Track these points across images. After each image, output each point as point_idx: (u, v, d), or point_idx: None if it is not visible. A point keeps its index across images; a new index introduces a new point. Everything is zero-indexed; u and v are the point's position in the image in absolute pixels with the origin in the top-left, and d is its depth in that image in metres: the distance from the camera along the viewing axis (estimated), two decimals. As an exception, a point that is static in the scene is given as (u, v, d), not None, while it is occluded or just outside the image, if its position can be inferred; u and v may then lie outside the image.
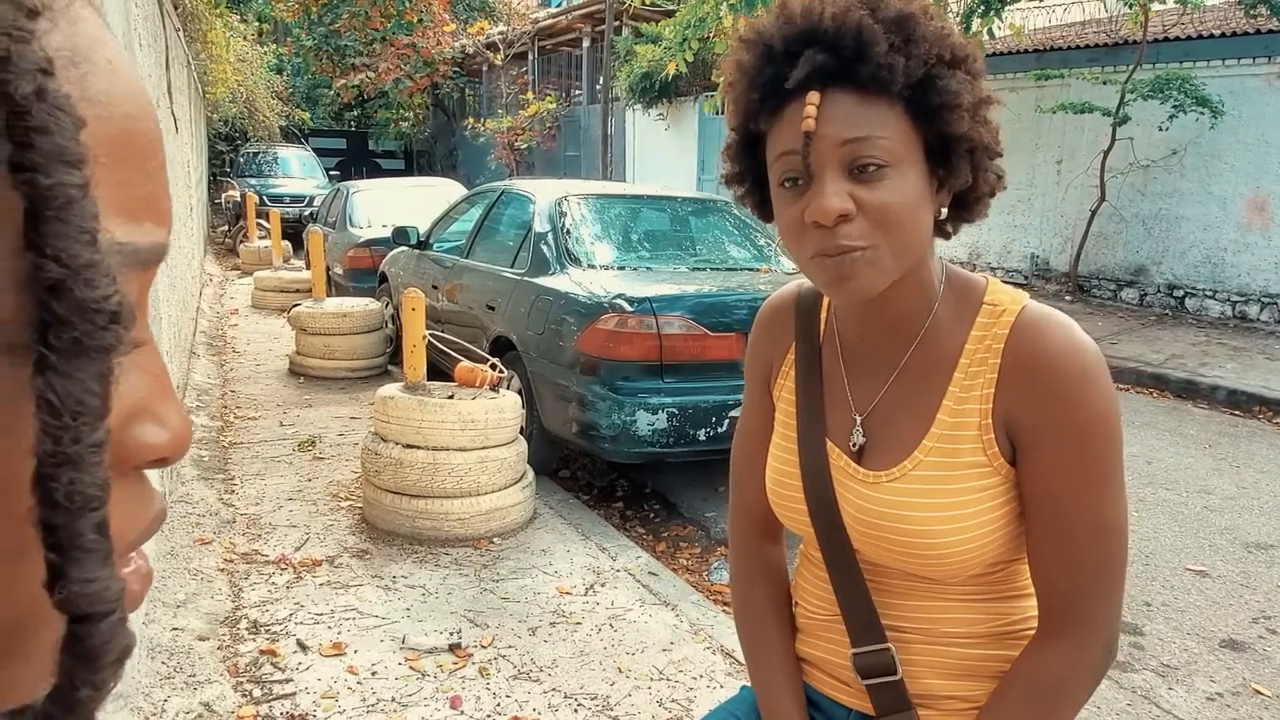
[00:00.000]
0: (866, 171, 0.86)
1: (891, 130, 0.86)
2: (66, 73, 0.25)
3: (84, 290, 0.23)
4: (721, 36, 7.98)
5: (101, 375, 0.24)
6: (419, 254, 5.97)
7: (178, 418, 0.31)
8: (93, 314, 0.24)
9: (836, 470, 1.00)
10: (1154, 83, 8.16)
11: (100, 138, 0.25)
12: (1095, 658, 0.91)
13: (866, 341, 1.01)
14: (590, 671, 2.60)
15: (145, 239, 0.28)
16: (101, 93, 0.26)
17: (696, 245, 5.04)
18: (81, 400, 0.24)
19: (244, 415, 5.10)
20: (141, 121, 0.28)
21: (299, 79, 23.30)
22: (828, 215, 0.85)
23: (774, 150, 0.90)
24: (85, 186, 0.24)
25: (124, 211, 0.27)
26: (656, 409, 3.77)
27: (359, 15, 19.41)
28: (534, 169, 18.98)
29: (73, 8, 0.26)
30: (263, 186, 14.81)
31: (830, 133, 0.85)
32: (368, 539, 3.46)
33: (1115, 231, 9.46)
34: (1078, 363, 0.89)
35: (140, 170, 0.28)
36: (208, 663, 2.51)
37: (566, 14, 18.08)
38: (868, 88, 0.86)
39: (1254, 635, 3.13)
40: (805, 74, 0.85)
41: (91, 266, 0.24)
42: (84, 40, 0.26)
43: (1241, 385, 6.32)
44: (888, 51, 0.84)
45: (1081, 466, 0.88)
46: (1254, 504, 4.36)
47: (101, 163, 0.25)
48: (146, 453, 0.30)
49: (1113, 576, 0.91)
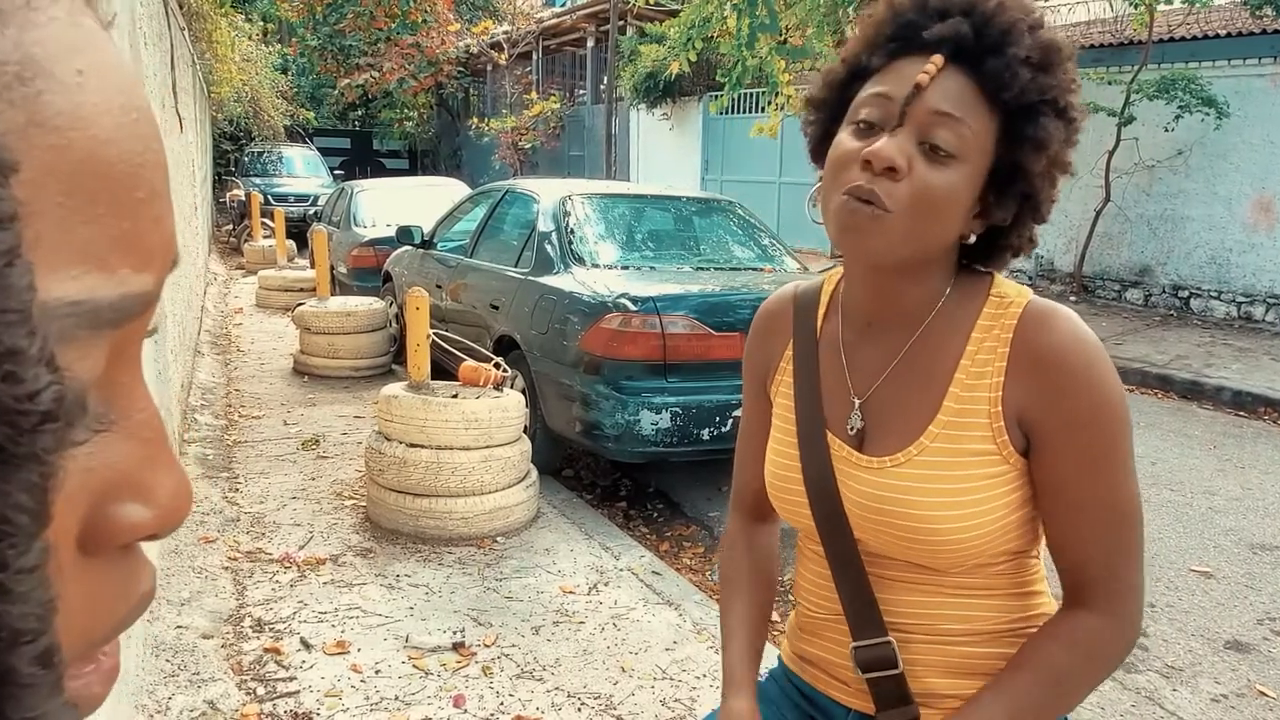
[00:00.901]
0: (935, 152, 0.88)
1: (977, 129, 0.88)
2: (10, 93, 0.20)
3: (3, 387, 0.19)
4: (725, 37, 7.97)
5: (34, 486, 0.20)
6: (423, 253, 5.97)
7: (168, 488, 0.27)
8: (16, 415, 0.19)
9: (838, 460, 1.00)
10: (1159, 83, 8.14)
11: (56, 173, 0.21)
12: (1127, 626, 0.93)
13: (872, 328, 1.02)
14: (593, 671, 2.60)
15: (114, 290, 0.23)
16: (61, 114, 0.21)
17: (700, 245, 5.04)
18: (6, 518, 0.20)
19: (248, 414, 5.11)
20: (119, 145, 0.23)
21: (304, 78, 23.33)
22: (882, 159, 0.87)
23: (870, 89, 0.92)
24: (11, 253, 0.19)
25: (89, 259, 0.22)
26: (660, 408, 3.77)
27: (364, 15, 19.43)
28: (538, 169, 18.99)
29: (34, 8, 0.21)
30: (267, 186, 14.84)
31: (928, 98, 0.87)
32: (371, 538, 3.46)
33: (1120, 232, 9.44)
34: (1084, 354, 0.90)
35: (115, 205, 0.23)
36: (211, 661, 2.51)
37: (571, 13, 18.08)
38: (984, 82, 0.87)
39: (1258, 636, 3.13)
40: (942, 34, 0.87)
41: (14, 355, 0.19)
42: (44, 49, 0.21)
43: (1246, 386, 6.30)
44: (1022, 62, 0.86)
45: (1098, 452, 0.90)
46: (1259, 505, 4.35)
47: (57, 203, 0.21)
48: (126, 534, 0.26)
49: (1134, 551, 0.93)
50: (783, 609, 3.27)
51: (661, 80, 13.89)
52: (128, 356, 0.26)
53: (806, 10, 8.48)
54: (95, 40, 0.23)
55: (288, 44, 22.42)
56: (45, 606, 0.21)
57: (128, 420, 0.26)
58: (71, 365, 0.22)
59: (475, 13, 21.08)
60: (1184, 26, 8.96)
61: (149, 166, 0.24)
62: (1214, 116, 8.08)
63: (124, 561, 0.27)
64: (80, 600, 0.22)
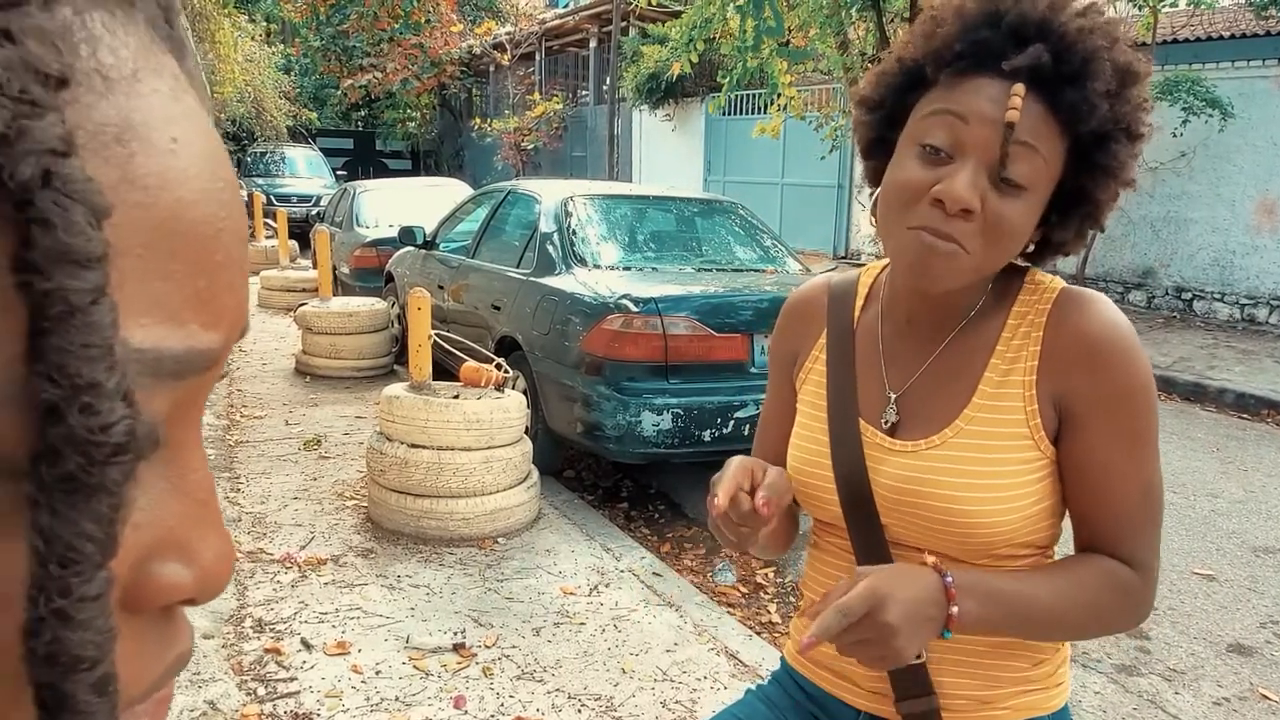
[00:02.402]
0: (1008, 183, 0.86)
1: (1051, 157, 0.87)
2: (106, 152, 0.21)
3: (80, 417, 0.20)
4: (727, 37, 7.97)
5: (102, 516, 0.21)
6: (425, 254, 5.97)
7: (213, 552, 0.27)
8: (89, 446, 0.20)
9: (869, 446, 1.00)
10: (1163, 84, 8.13)
11: (141, 226, 0.22)
12: (1150, 592, 0.96)
13: (911, 325, 1.02)
14: (594, 672, 2.60)
15: (181, 344, 0.24)
16: (150, 175, 0.23)
17: (702, 246, 5.03)
18: (73, 546, 0.20)
19: (250, 414, 5.12)
20: (203, 209, 0.24)
21: (306, 79, 23.35)
22: (956, 202, 0.85)
23: (937, 103, 0.89)
24: (98, 291, 0.20)
25: (160, 311, 0.23)
26: (661, 409, 3.77)
27: (367, 16, 19.45)
28: (540, 169, 19.00)
29: (139, 78, 0.23)
30: (270, 186, 14.85)
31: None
32: (372, 538, 3.46)
33: (1123, 234, 9.42)
34: (1119, 337, 0.92)
35: (192, 263, 0.24)
36: (212, 661, 2.51)
37: (573, 14, 18.09)
38: (1059, 110, 0.85)
39: (1261, 640, 3.12)
40: (1024, 64, 0.84)
41: (94, 388, 0.20)
42: (143, 116, 0.23)
43: (1250, 388, 6.29)
44: (1102, 94, 0.84)
45: (1132, 432, 0.92)
46: (1261, 508, 4.34)
47: (137, 254, 0.22)
48: (166, 594, 0.26)
49: (1158, 526, 0.96)
50: (785, 610, 3.27)
51: (664, 81, 13.89)
52: (188, 416, 0.26)
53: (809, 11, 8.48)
54: (192, 115, 0.25)
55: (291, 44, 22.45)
56: (105, 635, 0.21)
57: (182, 479, 0.26)
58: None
59: (478, 13, 21.10)
60: (1187, 28, 8.95)
61: (228, 234, 0.25)
62: (1218, 118, 8.07)
63: (163, 622, 0.27)
64: (121, 652, 0.22)
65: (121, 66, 0.22)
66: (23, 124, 0.19)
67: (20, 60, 0.19)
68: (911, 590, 0.85)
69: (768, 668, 2.57)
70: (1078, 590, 0.92)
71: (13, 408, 0.21)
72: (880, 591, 0.83)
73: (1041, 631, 0.95)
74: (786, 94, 8.51)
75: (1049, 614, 0.91)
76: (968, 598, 0.87)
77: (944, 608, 0.86)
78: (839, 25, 8.66)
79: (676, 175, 15.39)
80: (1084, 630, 0.97)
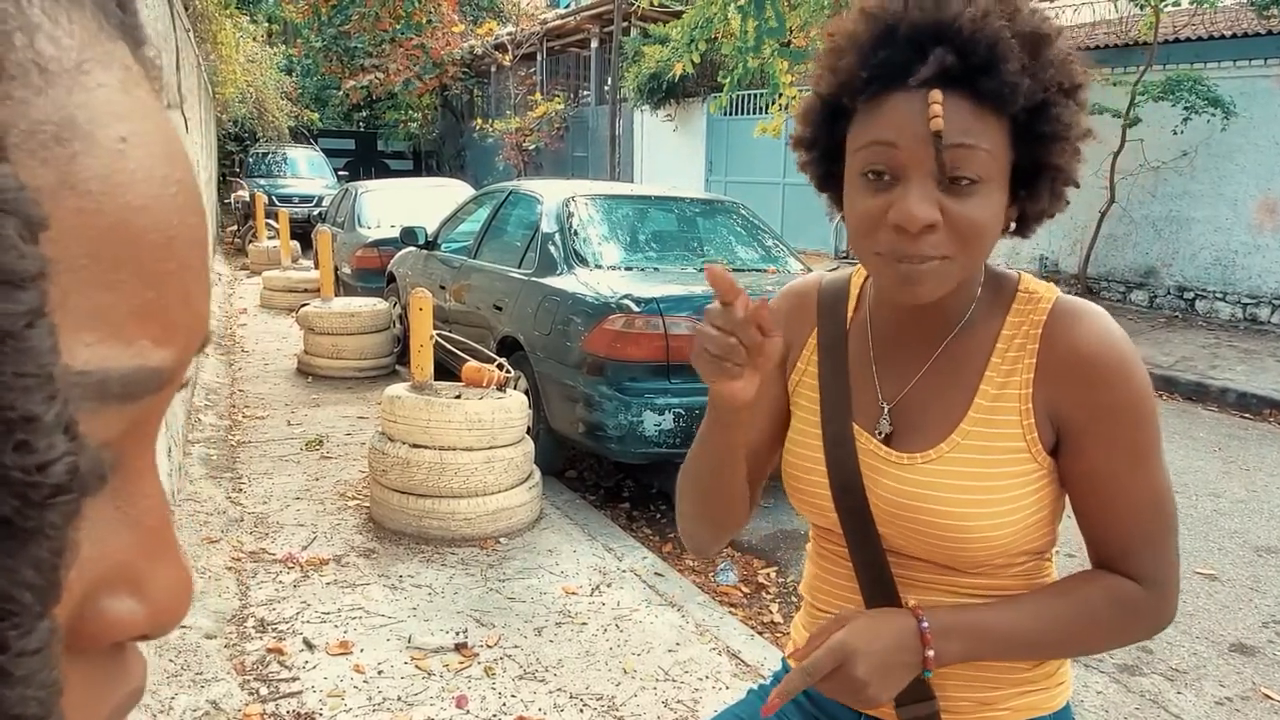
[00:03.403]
0: (959, 184, 0.85)
1: (993, 144, 0.85)
2: (44, 153, 0.19)
3: (14, 456, 0.18)
4: (729, 38, 7.97)
5: (42, 562, 0.19)
6: (427, 254, 5.98)
7: (167, 584, 0.25)
8: (26, 487, 0.18)
9: (864, 454, 1.00)
10: (1165, 84, 8.12)
11: (83, 235, 0.20)
12: (1166, 605, 0.95)
13: (902, 332, 1.01)
14: (596, 672, 2.60)
15: (128, 363, 0.21)
16: (95, 179, 0.20)
17: (704, 246, 5.03)
18: (9, 596, 0.18)
19: (252, 414, 5.12)
20: (153, 214, 0.22)
21: (308, 80, 23.37)
22: (914, 223, 0.84)
23: (864, 134, 0.88)
24: (34, 313, 0.18)
25: (105, 327, 0.21)
26: (663, 409, 3.77)
27: (368, 16, 19.48)
28: (542, 169, 19.00)
29: (84, 70, 0.21)
30: (272, 187, 14.86)
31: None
32: (374, 538, 3.46)
33: (1125, 233, 9.41)
34: (1115, 352, 0.91)
35: (140, 273, 0.22)
36: (215, 661, 2.51)
37: (575, 15, 18.09)
38: (983, 100, 0.84)
39: (1264, 639, 3.11)
40: (931, 73, 0.83)
41: (30, 422, 0.18)
42: (87, 112, 0.20)
43: (1252, 388, 6.29)
44: (1018, 71, 0.83)
45: (1133, 446, 0.92)
46: (1264, 508, 4.33)
47: (80, 266, 0.20)
48: (115, 632, 0.24)
49: (1172, 535, 0.95)
50: (786, 610, 3.27)
51: (665, 81, 13.87)
52: (140, 436, 0.24)
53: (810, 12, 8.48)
54: (145, 110, 0.22)
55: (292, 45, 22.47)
56: (49, 690, 0.19)
57: (133, 506, 0.24)
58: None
59: (479, 14, 21.11)
60: (1189, 27, 8.94)
61: (182, 241, 0.23)
62: (1220, 117, 8.06)
63: (111, 660, 0.25)
64: (66, 695, 0.20)
65: (63, 58, 0.20)
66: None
67: None
68: (882, 641, 0.89)
69: (769, 668, 2.57)
70: (1073, 613, 0.93)
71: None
72: (849, 647, 0.87)
73: (1036, 656, 0.97)
74: (788, 94, 8.50)
75: (1040, 641, 0.93)
76: (947, 639, 0.90)
77: (918, 652, 0.89)
78: (840, 25, 8.65)
79: (678, 175, 15.39)
80: (1085, 649, 0.98)
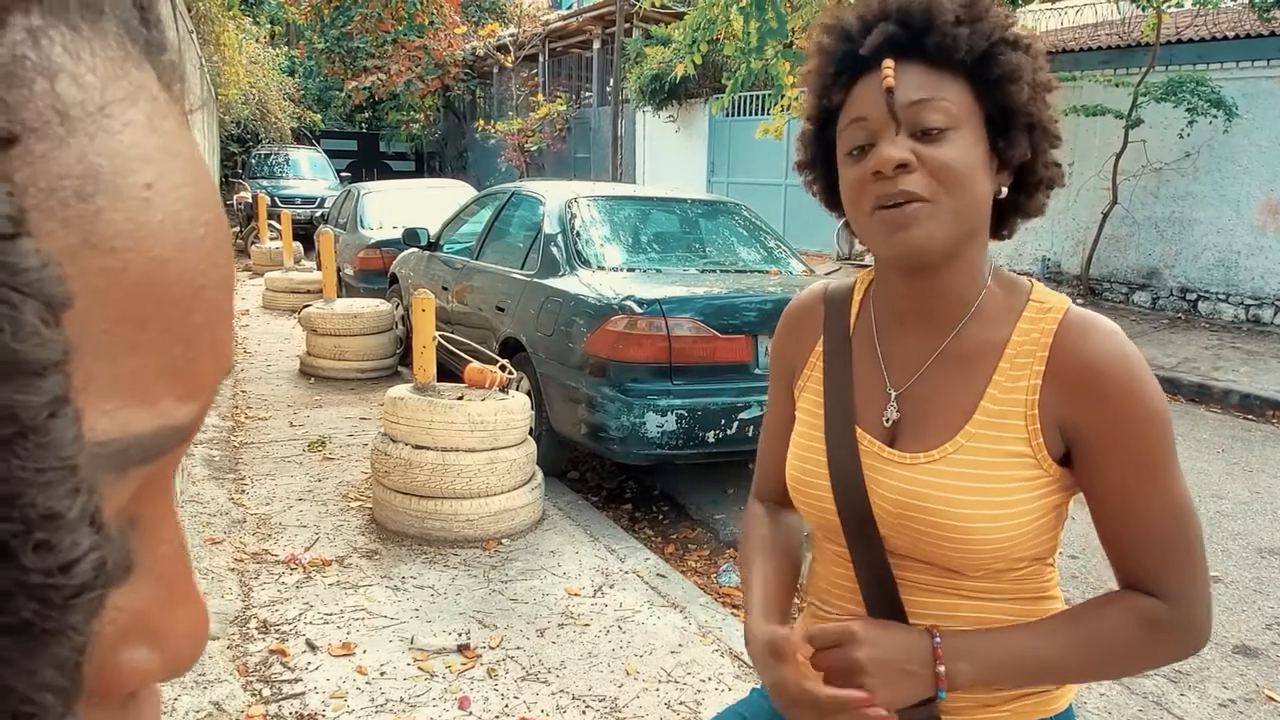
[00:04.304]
0: (930, 135, 0.91)
1: (954, 96, 0.92)
2: (65, 212, 0.18)
3: (35, 558, 0.16)
4: (731, 39, 7.97)
5: (64, 661, 0.18)
6: (429, 255, 5.98)
7: (184, 630, 0.24)
8: (47, 590, 0.17)
9: (867, 455, 1.00)
10: (1167, 85, 8.12)
11: (107, 298, 0.19)
12: (1193, 625, 0.92)
13: (906, 325, 1.02)
14: (598, 673, 2.60)
15: (150, 425, 0.20)
16: (120, 234, 0.19)
17: (706, 247, 5.03)
18: (29, 699, 0.17)
19: (254, 415, 5.13)
20: (181, 265, 0.20)
21: (311, 81, 23.40)
22: (888, 163, 0.89)
23: (845, 120, 0.96)
24: (56, 402, 0.16)
25: (128, 392, 0.19)
26: (665, 411, 3.77)
27: (371, 18, 19.50)
28: (544, 171, 19.01)
29: (108, 112, 0.19)
30: (274, 188, 14.87)
31: (899, 96, 0.91)
32: (377, 539, 3.47)
33: (1127, 234, 9.40)
34: (1125, 367, 0.92)
35: (167, 331, 0.20)
36: (218, 662, 2.52)
37: (577, 16, 18.11)
38: (933, 59, 0.92)
39: (1267, 641, 3.11)
40: (878, 42, 0.92)
41: (53, 520, 0.17)
42: (111, 160, 0.19)
43: (1255, 389, 6.28)
44: (954, 24, 0.90)
45: (1150, 459, 0.91)
46: (1267, 509, 4.33)
47: (104, 332, 0.19)
48: (133, 682, 0.23)
49: (1196, 549, 0.93)
50: (788, 612, 3.27)
51: (667, 82, 13.89)
52: (158, 488, 0.23)
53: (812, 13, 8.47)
54: (172, 146, 0.21)
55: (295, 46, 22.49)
56: None
57: (152, 557, 0.23)
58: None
59: (482, 15, 21.13)
60: (1192, 28, 8.93)
61: (211, 286, 0.21)
62: (1222, 119, 8.05)
63: (126, 706, 0.24)
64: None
65: (87, 100, 0.18)
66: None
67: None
68: (892, 644, 0.89)
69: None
70: (1094, 634, 0.91)
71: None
72: (857, 634, 0.88)
73: (1055, 680, 0.95)
74: (790, 95, 8.50)
75: (1060, 665, 0.92)
76: (960, 659, 0.89)
77: (930, 666, 0.89)
78: (842, 26, 8.65)
79: (680, 176, 15.39)
80: (1110, 672, 0.95)
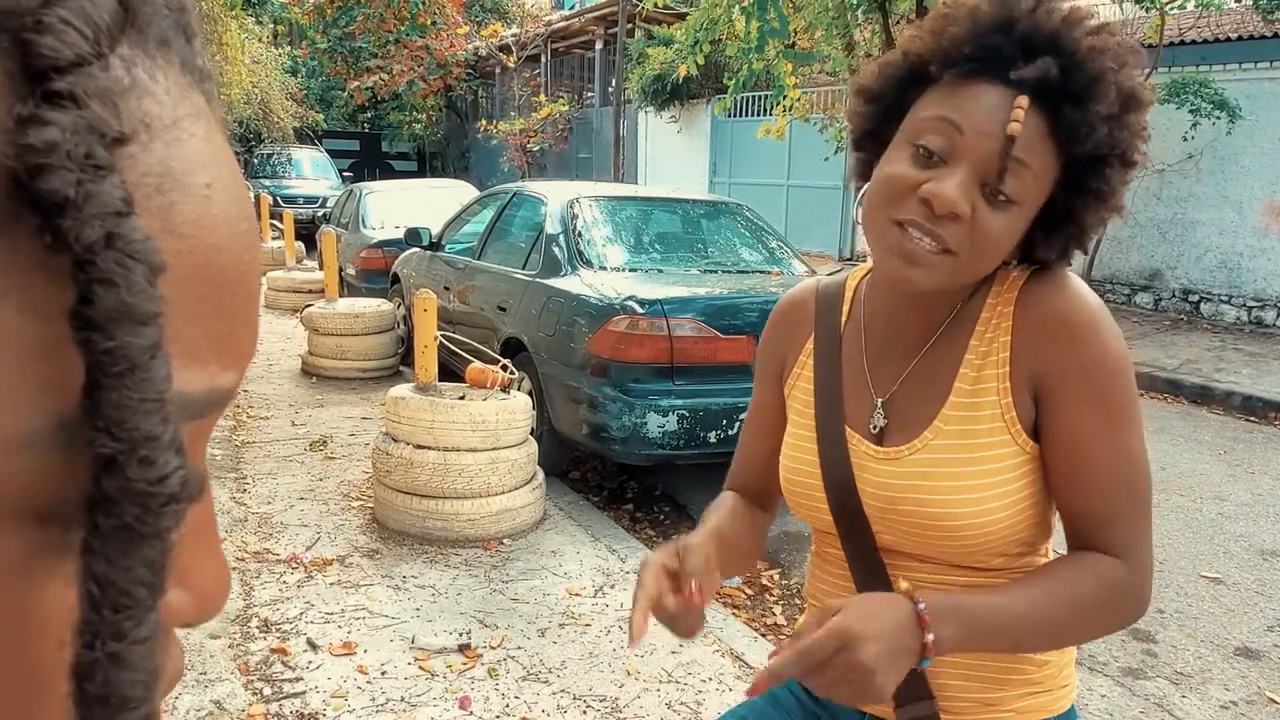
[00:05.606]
0: (998, 196, 0.86)
1: (1042, 175, 0.86)
2: (150, 202, 0.22)
3: (139, 470, 0.20)
4: (733, 39, 7.97)
5: (154, 562, 0.21)
6: (431, 255, 5.98)
7: (210, 577, 0.28)
8: (147, 497, 0.21)
9: (856, 454, 1.00)
10: (1170, 86, 8.11)
11: (177, 275, 0.22)
12: (1143, 583, 0.91)
13: (894, 325, 1.01)
14: (599, 673, 2.60)
15: (203, 385, 0.24)
16: (189, 223, 0.23)
17: (708, 247, 5.03)
18: (127, 591, 0.21)
19: (256, 415, 5.13)
20: (230, 253, 0.25)
21: (313, 81, 23.43)
22: (945, 205, 0.84)
23: (934, 107, 0.88)
24: (155, 347, 0.20)
25: (187, 355, 0.23)
26: (667, 411, 3.77)
27: (373, 18, 19.50)
28: (546, 171, 19.02)
29: (179, 125, 0.23)
30: (276, 187, 14.89)
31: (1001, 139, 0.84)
32: (378, 539, 3.47)
33: (1129, 236, 9.40)
34: (1086, 310, 0.91)
35: (218, 306, 0.24)
36: (219, 661, 2.52)
37: (579, 16, 18.11)
38: (1058, 129, 0.84)
39: (1269, 643, 3.10)
40: (1032, 76, 0.83)
41: (152, 441, 0.21)
42: (181, 164, 0.23)
43: (1257, 391, 6.27)
44: (1102, 117, 0.83)
45: (1107, 407, 0.90)
46: (1269, 510, 4.32)
47: (174, 301, 0.22)
48: (167, 620, 0.26)
49: (1144, 507, 0.92)
50: (790, 612, 3.27)
51: (669, 83, 13.89)
52: (196, 448, 0.27)
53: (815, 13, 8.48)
54: (222, 156, 0.25)
55: (297, 46, 22.51)
56: (152, 675, 0.22)
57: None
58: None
59: (484, 15, 21.13)
60: (1194, 30, 8.93)
61: (250, 273, 0.26)
62: (1225, 120, 8.05)
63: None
64: None
65: (164, 114, 0.22)
66: (89, 188, 0.19)
67: (85, 124, 0.19)
68: (884, 624, 0.82)
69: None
70: (1060, 593, 0.89)
71: (64, 459, 0.21)
72: (853, 631, 0.81)
73: (1029, 642, 0.93)
74: (792, 96, 8.50)
75: (1032, 624, 0.88)
76: (943, 623, 0.85)
77: (919, 636, 0.84)
78: (845, 27, 8.66)
79: (682, 177, 15.39)
80: (1075, 633, 0.94)
